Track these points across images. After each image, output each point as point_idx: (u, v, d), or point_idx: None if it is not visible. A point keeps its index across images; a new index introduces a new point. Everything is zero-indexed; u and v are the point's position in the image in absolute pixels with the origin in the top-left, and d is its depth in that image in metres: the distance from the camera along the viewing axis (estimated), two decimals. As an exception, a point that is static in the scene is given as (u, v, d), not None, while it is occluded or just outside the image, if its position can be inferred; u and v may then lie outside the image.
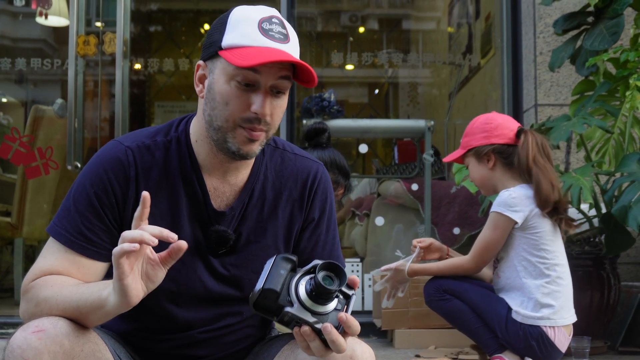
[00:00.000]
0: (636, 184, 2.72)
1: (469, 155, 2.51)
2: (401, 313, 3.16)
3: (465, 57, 5.49)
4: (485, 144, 2.45)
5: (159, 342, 1.41)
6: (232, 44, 1.29)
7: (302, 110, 4.19)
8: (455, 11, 6.04)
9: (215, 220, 1.39)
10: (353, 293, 1.17)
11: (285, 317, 1.13)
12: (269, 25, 1.30)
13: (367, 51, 5.16)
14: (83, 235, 1.31)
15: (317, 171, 1.49)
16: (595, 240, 3.04)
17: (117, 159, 1.35)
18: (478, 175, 2.51)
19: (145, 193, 1.16)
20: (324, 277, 1.12)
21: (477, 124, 2.50)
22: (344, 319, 1.11)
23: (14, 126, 4.69)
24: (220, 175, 1.40)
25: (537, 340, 2.32)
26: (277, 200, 1.44)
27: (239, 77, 1.28)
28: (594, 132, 3.29)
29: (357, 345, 1.26)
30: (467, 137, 2.51)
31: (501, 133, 2.46)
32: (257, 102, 1.29)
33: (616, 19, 3.04)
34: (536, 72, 3.78)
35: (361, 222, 4.43)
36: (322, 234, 1.47)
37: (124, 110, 3.94)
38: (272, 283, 1.13)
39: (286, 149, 1.49)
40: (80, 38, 3.96)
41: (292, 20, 4.10)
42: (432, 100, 6.90)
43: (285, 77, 1.31)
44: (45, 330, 1.17)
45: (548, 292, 2.34)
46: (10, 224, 4.02)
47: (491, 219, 2.41)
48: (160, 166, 1.37)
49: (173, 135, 1.40)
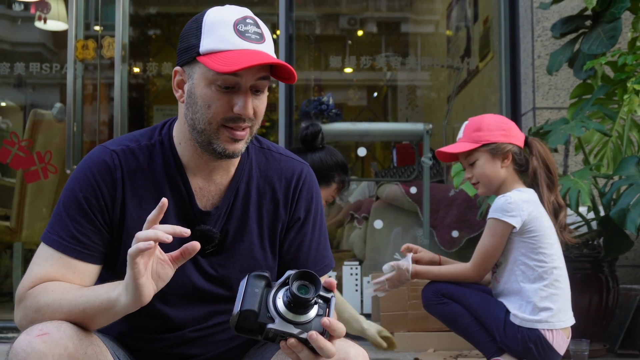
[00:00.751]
0: (634, 187, 2.72)
1: (482, 150, 2.46)
2: (400, 316, 3.17)
3: (463, 60, 5.50)
4: (505, 142, 2.44)
5: (152, 342, 1.42)
6: (210, 49, 1.30)
7: (300, 114, 4.19)
8: (453, 14, 6.05)
9: (202, 220, 1.40)
10: (332, 295, 1.17)
11: (270, 333, 1.13)
12: (244, 26, 1.32)
13: (365, 54, 5.17)
14: (75, 239, 1.32)
15: (302, 171, 1.50)
16: (593, 243, 3.05)
17: (104, 162, 1.37)
18: (489, 172, 2.45)
19: (164, 199, 1.18)
20: (299, 286, 1.12)
21: (492, 121, 2.47)
22: (328, 324, 1.12)
23: (13, 130, 4.69)
24: (205, 175, 1.42)
25: (535, 343, 2.32)
26: (261, 199, 1.45)
27: (219, 81, 1.30)
28: (592, 136, 3.30)
29: (351, 348, 1.26)
30: (480, 131, 2.45)
31: (517, 135, 2.47)
32: (239, 103, 1.31)
33: (614, 23, 3.05)
34: (534, 76, 3.79)
35: (360, 225, 4.43)
36: (307, 234, 1.48)
37: (123, 114, 3.95)
38: (249, 304, 1.14)
39: (271, 149, 1.51)
40: (79, 42, 3.97)
41: (291, 24, 4.10)
42: (430, 103, 6.90)
43: (264, 77, 1.33)
44: (50, 334, 1.17)
45: (546, 295, 2.34)
46: (9, 228, 4.02)
47: (489, 226, 2.41)
48: (145, 169, 1.39)
49: (157, 138, 1.42)
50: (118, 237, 1.38)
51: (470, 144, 2.46)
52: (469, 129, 2.49)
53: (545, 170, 2.46)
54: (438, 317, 2.52)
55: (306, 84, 6.61)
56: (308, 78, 6.63)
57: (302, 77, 6.39)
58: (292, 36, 4.12)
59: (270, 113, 5.91)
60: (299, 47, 4.47)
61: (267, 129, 6.77)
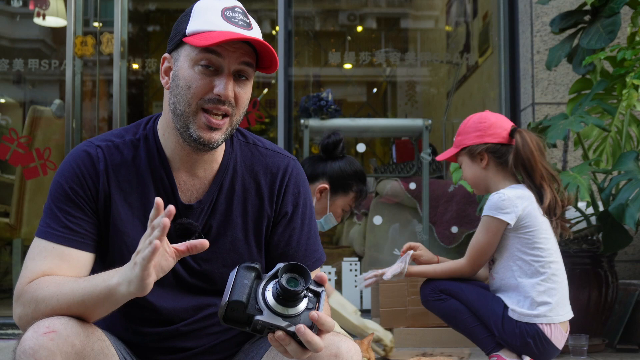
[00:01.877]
0: (633, 182, 2.72)
1: (462, 154, 2.51)
2: (399, 312, 3.17)
3: (462, 56, 5.50)
4: (478, 143, 2.45)
5: (146, 336, 1.43)
6: (195, 30, 1.33)
7: (300, 110, 4.19)
8: (453, 10, 6.04)
9: (184, 214, 1.41)
10: (322, 289, 1.17)
11: (257, 325, 1.13)
12: (231, 13, 1.34)
13: (365, 50, 5.16)
14: (68, 228, 1.34)
15: (288, 165, 1.50)
16: (592, 239, 3.05)
17: (87, 153, 1.39)
18: (471, 175, 2.51)
19: (158, 199, 1.17)
20: (288, 279, 1.12)
21: (470, 123, 2.50)
22: (316, 318, 1.11)
23: (12, 127, 4.69)
24: (188, 168, 1.43)
25: (533, 338, 2.32)
26: (246, 194, 1.46)
27: (203, 61, 1.32)
28: (591, 131, 3.29)
29: (343, 342, 1.26)
30: (460, 135, 2.52)
31: (494, 132, 2.46)
32: (220, 84, 1.33)
33: (613, 18, 3.04)
34: (533, 71, 3.79)
35: (359, 221, 4.44)
36: (297, 229, 1.48)
37: (122, 111, 3.95)
38: (237, 294, 1.13)
39: (257, 143, 1.51)
40: (78, 39, 3.97)
41: (290, 20, 4.10)
42: (430, 99, 6.90)
43: (248, 64, 1.35)
44: (57, 331, 1.18)
45: (544, 289, 2.34)
46: (8, 225, 4.02)
47: (483, 223, 2.42)
48: (129, 164, 1.40)
49: (141, 133, 1.44)
50: (105, 229, 1.39)
51: (452, 150, 2.53)
52: (457, 133, 2.54)
53: (522, 162, 2.40)
54: (436, 314, 2.52)
55: (305, 79, 6.61)
56: (307, 74, 6.63)
57: (301, 73, 6.39)
58: (291, 32, 4.12)
59: (270, 109, 5.91)
60: (298, 43, 4.46)
61: (267, 125, 6.76)
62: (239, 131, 1.51)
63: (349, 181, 2.55)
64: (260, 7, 6.02)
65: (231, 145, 1.47)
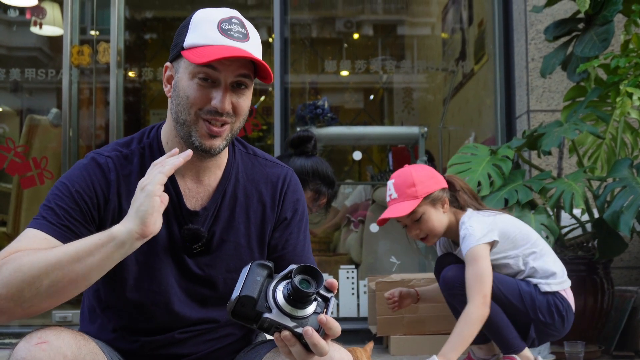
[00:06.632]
0: (627, 189, 2.74)
1: (423, 203, 2.48)
2: (396, 319, 3.17)
3: (458, 63, 5.51)
4: (439, 189, 2.50)
5: (142, 344, 1.43)
6: (193, 44, 1.36)
7: (296, 118, 4.20)
8: (449, 17, 6.06)
9: (190, 220, 1.43)
10: (332, 295, 1.18)
11: (265, 323, 1.13)
12: (228, 25, 1.36)
13: (361, 57, 5.18)
14: (65, 226, 1.32)
15: (287, 175, 1.55)
16: (588, 245, 3.06)
17: (98, 163, 1.41)
18: (438, 222, 2.51)
19: (189, 151, 1.31)
20: (301, 280, 1.13)
21: (422, 173, 2.51)
22: (324, 321, 1.12)
23: (9, 136, 4.69)
24: (193, 176, 1.45)
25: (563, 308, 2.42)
26: (248, 201, 1.49)
27: (200, 74, 1.35)
28: (586, 138, 3.31)
29: (335, 352, 1.27)
30: (415, 186, 2.47)
31: (441, 178, 2.55)
32: (217, 97, 1.36)
33: (606, 26, 3.06)
34: (528, 79, 3.81)
35: (356, 228, 4.44)
36: (293, 234, 1.51)
37: (119, 119, 3.96)
38: (248, 290, 1.14)
39: (257, 154, 1.56)
40: (74, 48, 3.98)
41: (286, 27, 4.11)
42: (426, 105, 6.91)
43: (245, 76, 1.37)
44: (49, 342, 1.18)
45: (544, 269, 2.44)
46: (5, 234, 4.03)
47: (473, 255, 2.38)
48: (138, 172, 1.42)
49: (146, 141, 1.47)
50: None
51: (413, 202, 2.45)
52: (401, 187, 2.49)
53: (472, 199, 2.56)
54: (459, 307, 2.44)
55: (302, 87, 6.62)
56: (304, 81, 6.64)
57: (297, 81, 6.40)
58: (287, 39, 4.13)
59: (266, 117, 5.92)
60: (295, 50, 4.45)
61: (264, 132, 6.78)
62: (239, 141, 1.55)
63: (305, 177, 2.50)
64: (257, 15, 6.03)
65: (233, 154, 1.51)
